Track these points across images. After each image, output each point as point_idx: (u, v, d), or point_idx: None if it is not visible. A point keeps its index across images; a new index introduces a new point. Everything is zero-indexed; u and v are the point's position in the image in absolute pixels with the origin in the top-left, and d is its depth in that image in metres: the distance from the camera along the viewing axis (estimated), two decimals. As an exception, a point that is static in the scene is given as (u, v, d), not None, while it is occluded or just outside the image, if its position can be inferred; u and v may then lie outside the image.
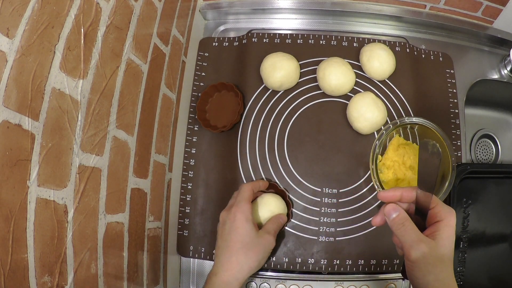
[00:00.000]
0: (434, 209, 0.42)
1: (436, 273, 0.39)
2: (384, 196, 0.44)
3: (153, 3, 0.54)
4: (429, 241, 0.40)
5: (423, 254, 0.39)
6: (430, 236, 0.41)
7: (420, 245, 0.39)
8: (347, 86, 0.63)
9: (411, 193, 0.43)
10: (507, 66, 0.70)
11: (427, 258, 0.39)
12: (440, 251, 0.40)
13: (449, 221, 0.41)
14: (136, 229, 0.51)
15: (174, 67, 0.63)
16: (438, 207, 0.42)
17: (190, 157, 0.66)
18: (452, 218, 0.41)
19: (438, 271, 0.39)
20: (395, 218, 0.42)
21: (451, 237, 0.41)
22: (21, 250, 0.32)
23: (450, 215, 0.41)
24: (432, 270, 0.39)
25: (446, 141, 0.56)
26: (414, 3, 0.70)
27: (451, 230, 0.41)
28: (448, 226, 0.41)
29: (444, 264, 0.40)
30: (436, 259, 0.39)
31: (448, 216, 0.41)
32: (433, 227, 0.41)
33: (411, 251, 0.40)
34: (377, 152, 0.58)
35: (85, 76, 0.40)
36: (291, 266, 0.59)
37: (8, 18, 0.30)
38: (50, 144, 0.35)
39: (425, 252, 0.39)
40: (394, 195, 0.44)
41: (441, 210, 0.42)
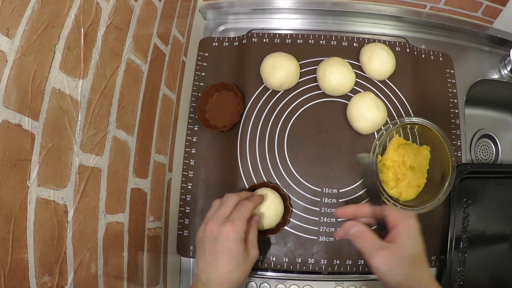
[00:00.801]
0: (390, 216, 0.45)
1: (405, 273, 0.41)
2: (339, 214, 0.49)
3: (153, 3, 0.54)
4: (389, 246, 0.42)
5: (384, 258, 0.41)
6: (390, 241, 0.43)
7: (380, 252, 0.42)
8: (347, 86, 0.63)
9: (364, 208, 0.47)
10: (507, 66, 0.70)
11: (389, 262, 0.41)
12: (403, 252, 0.42)
13: (406, 222, 0.43)
14: (136, 229, 0.51)
15: (174, 67, 0.63)
16: (393, 213, 0.45)
17: (190, 157, 0.66)
18: (409, 219, 0.44)
19: (406, 271, 0.41)
20: (354, 233, 0.45)
21: (412, 236, 0.43)
22: (21, 250, 0.32)
23: (407, 217, 0.44)
24: (399, 271, 0.41)
25: (446, 141, 0.56)
26: (414, 3, 0.70)
27: (410, 230, 0.43)
28: (406, 227, 0.43)
29: (413, 263, 0.41)
30: (401, 260, 0.41)
31: (405, 218, 0.44)
32: (393, 232, 0.44)
33: (372, 259, 0.42)
34: (377, 152, 0.58)
35: (85, 76, 0.40)
36: (291, 266, 0.59)
37: (8, 18, 0.30)
38: (50, 144, 0.35)
39: (386, 257, 0.41)
40: (347, 211, 0.48)
41: (397, 215, 0.44)
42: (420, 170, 0.60)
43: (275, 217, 0.57)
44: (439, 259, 0.61)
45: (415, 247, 0.43)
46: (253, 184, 0.61)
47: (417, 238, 0.43)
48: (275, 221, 0.57)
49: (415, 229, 0.43)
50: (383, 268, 0.41)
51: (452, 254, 0.59)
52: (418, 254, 0.43)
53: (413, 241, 0.43)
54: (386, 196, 0.56)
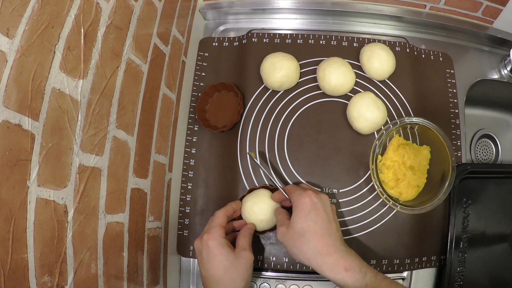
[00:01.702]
0: (291, 197, 0.51)
1: (297, 246, 0.47)
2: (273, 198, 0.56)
3: (153, 3, 0.54)
4: (286, 222, 0.50)
5: (282, 233, 0.49)
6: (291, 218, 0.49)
7: (280, 228, 0.50)
8: (347, 86, 0.63)
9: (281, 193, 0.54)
10: (507, 66, 0.70)
11: (285, 236, 0.49)
12: (295, 227, 0.48)
13: (298, 200, 0.49)
14: (136, 229, 0.51)
15: (174, 67, 0.63)
16: (292, 195, 0.51)
17: (190, 157, 0.66)
18: (301, 197, 0.49)
19: (298, 244, 0.47)
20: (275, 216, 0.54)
21: (302, 214, 0.48)
22: (21, 250, 0.32)
23: (300, 195, 0.49)
24: (293, 243, 0.48)
25: (446, 141, 0.56)
26: (414, 3, 0.70)
27: (302, 208, 0.48)
28: (298, 206, 0.49)
29: (304, 237, 0.47)
30: (294, 235, 0.47)
31: (298, 197, 0.49)
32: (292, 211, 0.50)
33: (277, 234, 0.51)
34: (377, 152, 0.58)
35: (85, 76, 0.40)
36: (291, 266, 0.59)
37: (8, 18, 0.30)
38: (50, 144, 0.35)
39: (283, 231, 0.49)
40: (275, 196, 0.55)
41: (294, 196, 0.50)
42: (420, 170, 0.60)
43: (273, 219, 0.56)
44: (439, 259, 0.61)
45: (304, 222, 0.47)
46: (253, 187, 0.61)
47: (309, 214, 0.48)
48: (272, 223, 0.57)
49: (307, 206, 0.48)
50: (282, 241, 0.49)
51: (452, 254, 0.59)
52: (308, 228, 0.47)
53: (302, 217, 0.48)
54: (386, 196, 0.56)
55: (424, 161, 0.60)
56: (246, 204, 0.56)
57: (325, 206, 0.49)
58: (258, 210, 0.55)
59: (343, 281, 0.45)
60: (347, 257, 0.46)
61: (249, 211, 0.56)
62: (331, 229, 0.47)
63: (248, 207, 0.56)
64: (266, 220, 0.56)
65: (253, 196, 0.57)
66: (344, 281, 0.45)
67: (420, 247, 0.60)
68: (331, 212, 0.50)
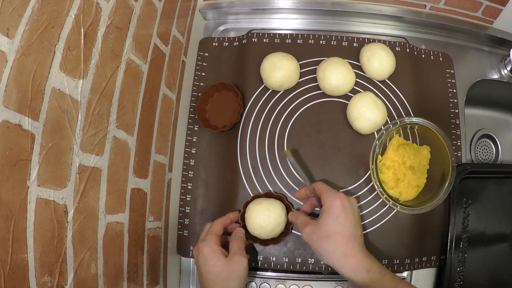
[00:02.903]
0: (322, 196, 0.52)
1: (324, 246, 0.48)
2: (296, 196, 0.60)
3: (153, 3, 0.54)
4: (313, 222, 0.51)
5: (308, 233, 0.50)
6: (318, 219, 0.51)
7: (305, 227, 0.51)
8: (347, 86, 0.63)
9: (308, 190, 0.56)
10: (507, 66, 0.70)
11: (311, 236, 0.50)
12: (321, 228, 0.49)
13: (330, 202, 0.50)
14: (136, 229, 0.51)
15: (174, 67, 0.62)
16: (323, 194, 0.52)
17: (190, 157, 0.66)
18: (333, 199, 0.50)
19: (325, 244, 0.48)
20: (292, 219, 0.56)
21: (332, 216, 0.49)
22: (21, 250, 0.32)
23: (331, 197, 0.50)
24: (320, 244, 0.49)
25: (446, 141, 0.56)
26: (414, 3, 0.70)
27: (333, 209, 0.49)
28: (329, 207, 0.50)
29: (331, 238, 0.48)
30: (321, 235, 0.49)
31: (329, 199, 0.50)
32: (321, 211, 0.51)
33: (302, 234, 0.51)
34: (377, 152, 0.58)
35: (85, 76, 0.40)
36: (291, 266, 0.59)
37: (8, 18, 0.30)
38: (50, 144, 0.35)
39: (308, 232, 0.50)
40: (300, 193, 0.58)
41: (325, 196, 0.51)
42: (420, 170, 0.60)
43: (277, 227, 0.57)
44: (439, 259, 0.61)
45: (333, 224, 0.49)
46: (257, 193, 0.61)
47: (338, 216, 0.49)
48: (276, 231, 0.57)
49: (338, 209, 0.49)
50: (308, 241, 0.50)
51: (452, 254, 0.59)
52: (336, 230, 0.48)
53: (332, 219, 0.49)
54: (386, 196, 0.56)
55: (424, 161, 0.60)
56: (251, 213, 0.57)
57: (354, 210, 0.51)
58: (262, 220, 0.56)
59: (363, 282, 0.46)
60: (367, 259, 0.48)
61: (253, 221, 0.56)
62: (356, 233, 0.49)
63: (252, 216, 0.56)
64: (270, 229, 0.56)
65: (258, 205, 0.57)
66: (364, 282, 0.46)
67: (420, 247, 0.60)
68: (358, 217, 0.51)
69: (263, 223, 0.56)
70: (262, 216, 0.56)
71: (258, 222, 0.56)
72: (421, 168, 0.60)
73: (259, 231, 0.56)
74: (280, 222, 0.57)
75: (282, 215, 0.57)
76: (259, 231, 0.56)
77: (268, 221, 0.56)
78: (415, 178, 0.59)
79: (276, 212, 0.56)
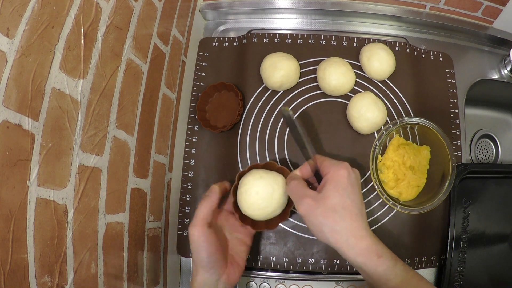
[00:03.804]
0: (322, 165, 0.44)
1: (329, 223, 0.40)
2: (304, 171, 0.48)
3: (153, 3, 0.54)
4: (315, 194, 0.42)
5: (308, 206, 0.41)
6: (319, 190, 0.42)
7: (305, 199, 0.41)
8: (347, 86, 0.63)
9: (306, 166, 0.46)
10: (507, 66, 0.70)
11: (313, 210, 0.41)
12: (328, 202, 0.40)
13: (334, 171, 0.42)
14: (136, 229, 0.51)
15: (174, 67, 0.63)
16: (325, 163, 0.44)
17: (190, 157, 0.66)
18: (338, 168, 0.42)
19: (331, 221, 0.40)
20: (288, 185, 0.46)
21: (339, 186, 0.41)
22: (21, 250, 0.32)
23: (336, 165, 0.43)
24: (324, 221, 0.40)
25: (446, 141, 0.56)
26: (414, 3, 0.70)
27: (339, 179, 0.41)
28: (334, 176, 0.42)
29: (338, 214, 0.40)
30: (326, 210, 0.40)
31: (333, 167, 0.42)
32: (322, 181, 0.43)
33: (298, 207, 0.42)
34: (377, 152, 0.58)
35: (85, 76, 0.40)
36: (291, 266, 0.59)
37: (8, 18, 0.30)
38: (50, 144, 0.35)
39: (311, 204, 0.41)
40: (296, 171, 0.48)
41: (328, 164, 0.43)
42: (420, 170, 0.60)
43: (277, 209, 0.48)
44: (439, 259, 0.61)
45: (341, 198, 0.41)
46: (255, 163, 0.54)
47: (346, 188, 0.41)
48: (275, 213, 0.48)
49: (344, 179, 0.42)
50: (308, 216, 0.41)
51: (452, 254, 0.59)
52: (344, 205, 0.41)
53: (339, 191, 0.41)
54: (386, 196, 0.56)
55: (424, 161, 0.60)
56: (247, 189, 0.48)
57: (359, 183, 0.44)
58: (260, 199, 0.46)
59: (373, 268, 0.40)
60: (378, 243, 0.41)
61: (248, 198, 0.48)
62: (363, 210, 0.42)
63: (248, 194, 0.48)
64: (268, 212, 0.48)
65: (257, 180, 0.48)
66: (374, 269, 0.40)
67: (420, 247, 0.60)
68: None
69: (261, 204, 0.47)
70: (261, 195, 0.47)
71: (255, 201, 0.47)
72: (421, 168, 0.60)
73: (253, 212, 0.48)
74: (282, 204, 0.48)
75: (280, 191, 0.48)
76: (254, 212, 0.48)
77: (268, 201, 0.46)
78: (415, 178, 0.59)
79: (279, 191, 0.47)
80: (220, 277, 0.46)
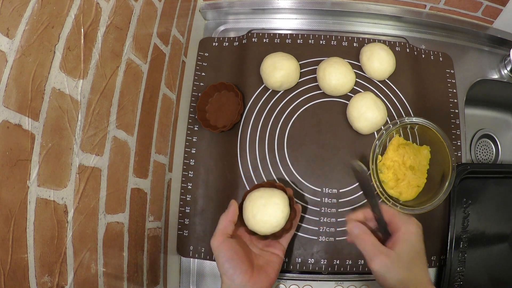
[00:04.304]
0: (393, 221, 0.46)
1: (401, 278, 0.42)
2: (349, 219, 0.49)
3: (153, 3, 0.54)
4: (388, 251, 0.44)
5: (383, 264, 0.43)
6: (391, 246, 0.45)
7: (379, 256, 0.43)
8: (347, 86, 0.63)
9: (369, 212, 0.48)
10: (507, 66, 0.70)
11: (387, 267, 0.43)
12: (400, 259, 0.43)
13: (406, 229, 0.45)
14: (136, 229, 0.51)
15: (174, 67, 0.63)
16: (396, 219, 0.46)
17: (190, 157, 0.66)
18: (409, 225, 0.45)
19: (404, 277, 0.42)
20: (357, 235, 0.47)
21: (411, 243, 0.44)
22: (21, 250, 0.32)
23: (407, 223, 0.45)
24: (396, 276, 0.43)
25: (446, 141, 0.56)
26: (414, 3, 0.70)
27: (410, 236, 0.44)
28: (406, 234, 0.45)
29: (411, 271, 0.43)
30: (399, 267, 0.43)
31: (405, 225, 0.45)
32: (393, 237, 0.45)
33: (371, 263, 0.44)
34: (377, 152, 0.58)
35: (85, 76, 0.40)
36: (291, 266, 0.59)
37: (8, 18, 0.30)
38: (50, 144, 0.35)
39: (385, 262, 0.43)
40: (358, 216, 0.49)
41: (399, 220, 0.46)
42: (420, 170, 0.60)
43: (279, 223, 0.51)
44: (439, 259, 0.61)
45: (412, 253, 0.44)
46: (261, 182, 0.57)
47: (417, 243, 0.45)
48: (279, 227, 0.51)
49: (415, 235, 0.45)
50: (381, 272, 0.43)
51: (452, 254, 0.59)
52: (416, 258, 0.44)
53: (411, 247, 0.44)
54: (386, 196, 0.56)
55: (424, 161, 0.60)
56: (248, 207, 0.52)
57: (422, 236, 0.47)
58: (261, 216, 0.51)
59: None
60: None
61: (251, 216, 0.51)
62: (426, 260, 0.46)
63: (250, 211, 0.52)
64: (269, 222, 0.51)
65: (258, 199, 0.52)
66: None
67: (420, 247, 0.60)
68: None
69: (259, 217, 0.51)
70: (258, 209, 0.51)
71: (254, 215, 0.51)
72: (421, 168, 0.60)
73: (255, 224, 0.51)
74: (283, 217, 0.51)
75: (285, 210, 0.52)
76: (255, 224, 0.51)
77: (265, 214, 0.50)
78: (415, 178, 0.59)
79: (274, 204, 0.51)
80: (245, 285, 0.46)
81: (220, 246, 0.48)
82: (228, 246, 0.48)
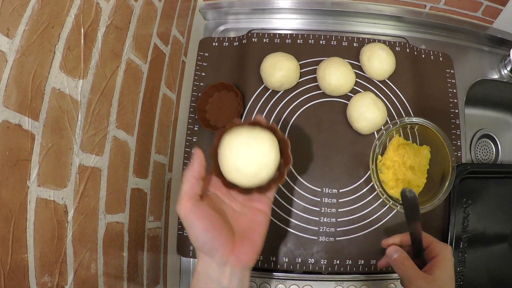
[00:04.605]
0: (430, 246, 0.48)
1: None
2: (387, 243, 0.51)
3: (153, 3, 0.54)
4: (427, 277, 0.45)
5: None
6: (428, 271, 0.46)
7: (418, 281, 0.45)
8: (347, 86, 0.63)
9: (407, 237, 0.50)
10: (507, 66, 0.70)
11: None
12: (436, 284, 0.45)
13: (444, 255, 0.47)
14: (136, 229, 0.51)
15: (174, 67, 0.62)
16: (434, 244, 0.48)
17: (190, 157, 0.66)
18: (447, 252, 0.47)
19: None
20: (396, 259, 0.48)
21: (447, 269, 0.46)
22: (21, 250, 0.32)
23: (445, 249, 0.47)
24: None
25: (446, 141, 0.56)
26: (414, 3, 0.70)
27: (447, 263, 0.46)
28: (444, 260, 0.46)
29: None
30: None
31: (443, 251, 0.47)
32: (431, 262, 0.47)
33: (409, 286, 0.45)
34: (377, 152, 0.58)
35: (85, 76, 0.40)
36: (291, 266, 0.59)
37: (8, 18, 0.30)
38: (50, 144, 0.35)
39: (422, 286, 0.44)
40: (395, 240, 0.51)
41: (436, 246, 0.48)
42: (420, 170, 0.60)
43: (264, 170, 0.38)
44: (439, 259, 0.61)
45: (447, 279, 0.45)
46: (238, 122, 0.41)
47: (450, 270, 0.46)
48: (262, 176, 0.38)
49: (450, 263, 0.47)
50: None
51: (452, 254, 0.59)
52: (449, 284, 0.45)
53: (447, 273, 0.46)
54: (386, 196, 0.56)
55: (424, 161, 0.60)
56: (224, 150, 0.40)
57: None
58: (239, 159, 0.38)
59: None
60: None
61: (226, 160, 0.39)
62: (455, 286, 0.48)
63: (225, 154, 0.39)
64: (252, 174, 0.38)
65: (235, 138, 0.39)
66: None
67: (420, 247, 0.60)
68: None
69: (240, 165, 0.38)
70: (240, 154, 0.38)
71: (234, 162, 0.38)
72: (421, 168, 0.60)
73: (235, 175, 0.39)
74: (268, 163, 0.38)
75: (272, 153, 0.38)
76: (236, 175, 0.38)
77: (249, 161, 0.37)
78: (415, 178, 0.59)
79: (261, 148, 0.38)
80: (227, 259, 0.37)
81: (190, 215, 0.36)
82: (200, 213, 0.37)
